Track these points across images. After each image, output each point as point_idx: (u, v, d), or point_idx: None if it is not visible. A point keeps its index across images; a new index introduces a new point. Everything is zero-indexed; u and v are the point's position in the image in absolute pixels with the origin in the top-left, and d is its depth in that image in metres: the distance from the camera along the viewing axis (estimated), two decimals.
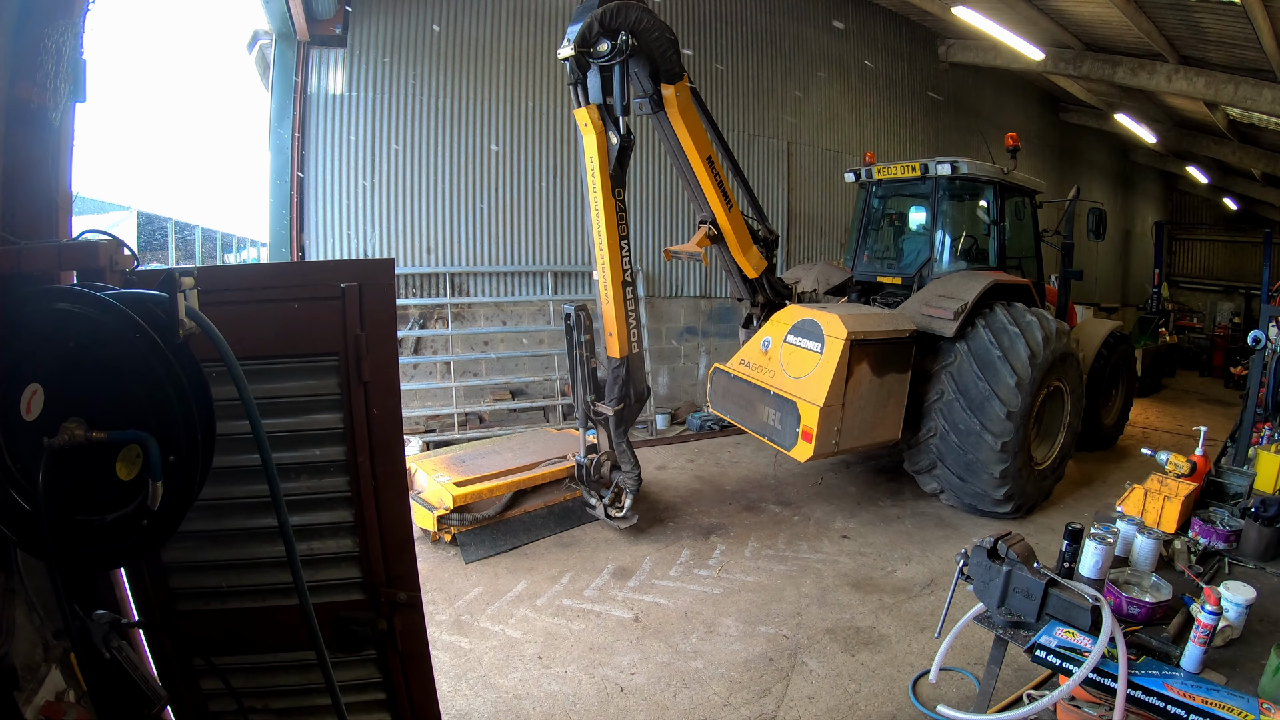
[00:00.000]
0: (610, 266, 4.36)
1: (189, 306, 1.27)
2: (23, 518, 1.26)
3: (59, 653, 1.36)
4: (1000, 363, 5.09)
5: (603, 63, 4.07)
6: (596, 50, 4.03)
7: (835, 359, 4.72)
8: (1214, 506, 3.32)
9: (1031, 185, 6.49)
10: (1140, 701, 1.93)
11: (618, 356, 4.56)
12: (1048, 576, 2.33)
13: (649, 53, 4.37)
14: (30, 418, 1.24)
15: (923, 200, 6.27)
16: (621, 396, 4.64)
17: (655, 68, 4.49)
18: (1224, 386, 13.31)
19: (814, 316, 5.03)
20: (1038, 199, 6.64)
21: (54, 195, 1.46)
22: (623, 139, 4.22)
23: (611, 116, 4.20)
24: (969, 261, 6.06)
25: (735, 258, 5.36)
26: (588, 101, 4.16)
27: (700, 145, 4.82)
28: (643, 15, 4.12)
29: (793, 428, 4.83)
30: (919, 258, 6.18)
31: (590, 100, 4.16)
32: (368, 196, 6.88)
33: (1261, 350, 4.41)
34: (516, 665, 3.40)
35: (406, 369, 7.11)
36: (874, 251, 6.74)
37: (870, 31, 10.33)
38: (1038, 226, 6.67)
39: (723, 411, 5.76)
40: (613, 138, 4.21)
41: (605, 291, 4.45)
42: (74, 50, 1.42)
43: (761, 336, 5.41)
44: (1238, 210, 18.06)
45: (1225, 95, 8.49)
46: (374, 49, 6.81)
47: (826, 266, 7.05)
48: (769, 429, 5.10)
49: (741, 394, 5.40)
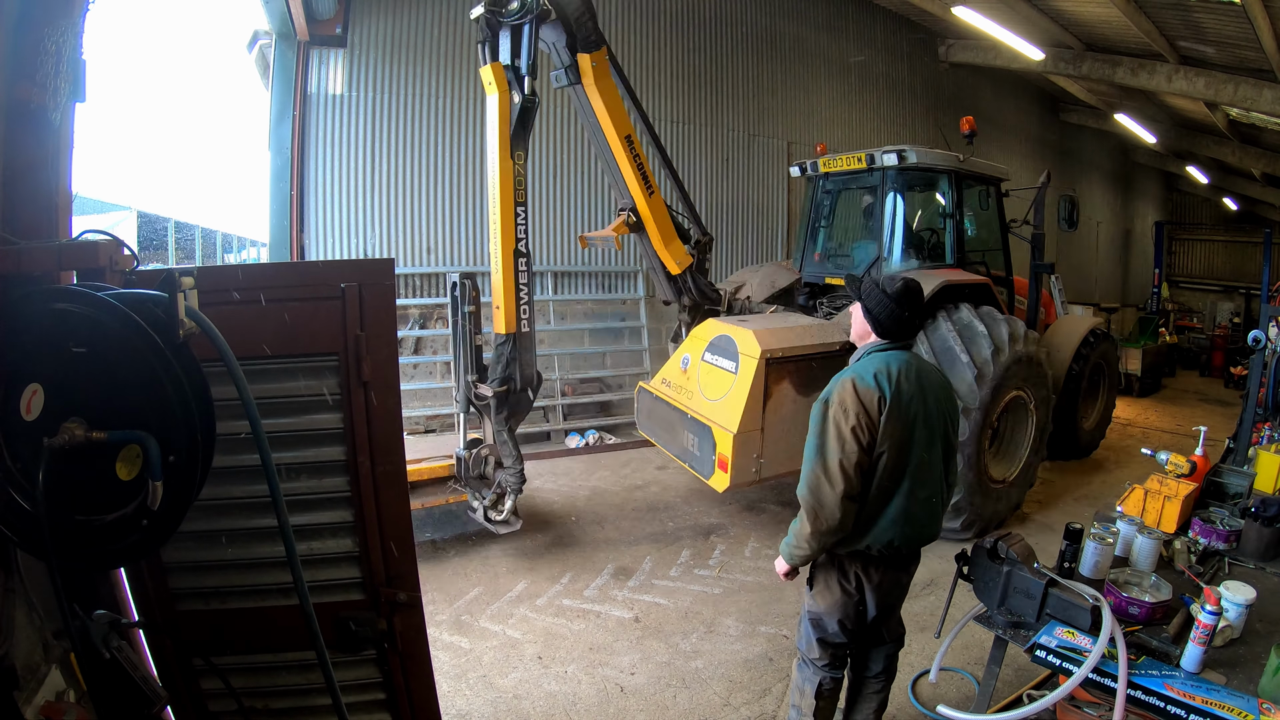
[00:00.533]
0: (503, 233, 4.05)
1: (189, 307, 1.27)
2: (23, 518, 1.26)
3: (59, 653, 1.36)
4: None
5: (512, 21, 3.96)
6: (507, 9, 3.95)
7: (750, 380, 4.30)
8: (1214, 506, 3.32)
9: (993, 173, 5.98)
10: (1140, 701, 1.93)
11: (503, 333, 4.15)
12: (1048, 576, 2.33)
13: (564, 17, 4.24)
14: (30, 418, 1.24)
15: (872, 193, 5.79)
16: (505, 379, 4.19)
17: (572, 37, 4.34)
18: (1224, 386, 13.30)
19: (729, 332, 4.63)
20: (1004, 188, 6.09)
21: (54, 195, 1.46)
22: (525, 99, 4.04)
23: (517, 77, 4.05)
24: (922, 259, 5.53)
25: (656, 249, 5.05)
26: (494, 59, 4.03)
27: (618, 122, 4.59)
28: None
29: (709, 455, 4.43)
30: (869, 256, 5.67)
31: (497, 59, 4.04)
32: (368, 196, 6.88)
33: (1261, 350, 4.41)
34: (516, 665, 3.40)
35: (406, 369, 7.11)
36: (824, 251, 6.24)
37: (870, 31, 10.33)
38: (1004, 218, 6.13)
39: (648, 433, 5.36)
40: (515, 97, 4.05)
41: (495, 260, 4.11)
42: (74, 50, 1.42)
43: (681, 353, 5.05)
44: (1238, 210, 18.07)
45: (1225, 95, 8.49)
46: (374, 49, 6.81)
47: (775, 268, 6.43)
48: (689, 455, 4.68)
49: (664, 416, 5.00)
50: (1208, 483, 3.51)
